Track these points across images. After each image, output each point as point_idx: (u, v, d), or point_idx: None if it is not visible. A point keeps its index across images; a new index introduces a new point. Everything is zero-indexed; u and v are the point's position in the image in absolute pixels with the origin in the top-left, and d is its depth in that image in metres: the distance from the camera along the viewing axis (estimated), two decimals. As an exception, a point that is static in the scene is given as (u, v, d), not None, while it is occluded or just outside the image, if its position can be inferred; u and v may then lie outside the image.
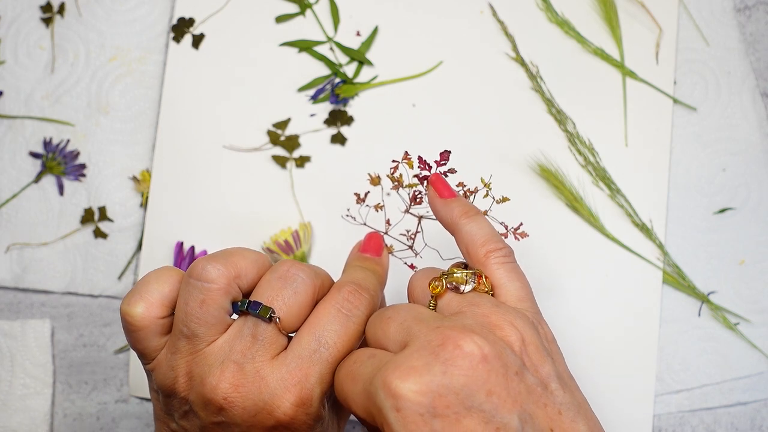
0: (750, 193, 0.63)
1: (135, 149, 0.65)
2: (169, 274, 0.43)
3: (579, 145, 0.63)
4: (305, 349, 0.41)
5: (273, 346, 0.41)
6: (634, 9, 0.64)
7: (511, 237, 0.48)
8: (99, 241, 0.64)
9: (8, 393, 0.63)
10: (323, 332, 0.42)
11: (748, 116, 0.63)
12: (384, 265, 0.48)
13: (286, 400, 0.40)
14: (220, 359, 0.41)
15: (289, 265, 0.43)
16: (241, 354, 0.41)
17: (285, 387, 0.40)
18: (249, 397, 0.40)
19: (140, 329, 0.43)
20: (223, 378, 0.41)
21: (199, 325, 0.42)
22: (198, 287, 0.41)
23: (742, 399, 0.61)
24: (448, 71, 0.64)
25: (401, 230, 0.50)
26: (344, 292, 0.43)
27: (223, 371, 0.41)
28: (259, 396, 0.40)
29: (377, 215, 0.51)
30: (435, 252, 0.52)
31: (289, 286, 0.42)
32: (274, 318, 0.41)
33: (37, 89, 0.66)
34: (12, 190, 0.65)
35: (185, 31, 0.65)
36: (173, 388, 0.42)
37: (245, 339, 0.41)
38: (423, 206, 0.48)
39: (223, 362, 0.41)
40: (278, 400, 0.40)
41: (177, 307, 0.42)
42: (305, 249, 0.62)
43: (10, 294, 0.65)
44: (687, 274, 0.62)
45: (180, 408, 0.43)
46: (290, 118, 0.64)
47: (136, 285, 0.43)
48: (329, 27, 0.65)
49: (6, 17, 0.66)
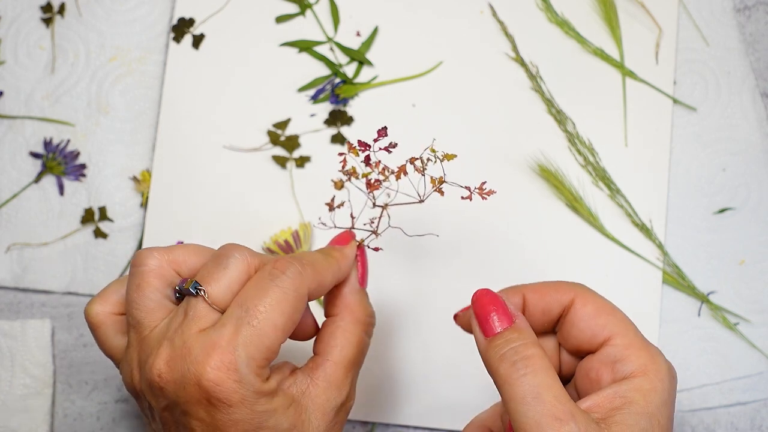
0: (750, 193, 0.63)
1: (135, 149, 0.65)
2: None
3: (579, 145, 0.63)
4: (229, 317, 0.41)
5: (202, 320, 0.42)
6: (634, 9, 0.64)
7: (476, 197, 0.47)
8: (99, 241, 0.64)
9: (8, 393, 0.63)
10: (244, 297, 0.42)
11: (748, 116, 0.63)
12: (345, 252, 0.47)
13: (207, 365, 0.40)
14: (158, 340, 0.42)
15: (226, 246, 0.44)
16: (174, 331, 0.41)
17: (206, 352, 0.40)
18: (177, 369, 0.40)
19: (97, 327, 0.45)
20: (158, 356, 0.41)
21: (138, 310, 0.43)
22: (133, 273, 0.43)
23: (742, 399, 0.61)
24: (448, 71, 0.64)
25: (367, 221, 0.50)
26: (271, 262, 0.43)
27: (159, 349, 0.41)
28: (185, 366, 0.40)
29: (347, 213, 0.51)
30: (399, 230, 0.51)
31: (220, 263, 0.43)
32: (200, 290, 0.42)
33: (37, 89, 0.66)
34: (12, 190, 0.65)
35: (185, 31, 0.65)
36: (132, 384, 0.43)
37: (179, 317, 0.42)
38: (383, 190, 0.48)
39: (159, 342, 0.42)
40: (200, 366, 0.40)
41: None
42: (305, 249, 0.62)
43: (10, 294, 0.65)
44: (687, 274, 0.62)
45: (144, 406, 0.43)
46: (290, 118, 0.64)
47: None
48: (329, 27, 0.65)
49: (6, 17, 0.66)
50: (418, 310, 0.62)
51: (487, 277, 0.62)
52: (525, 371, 0.40)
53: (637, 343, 0.43)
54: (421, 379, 0.62)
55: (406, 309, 0.62)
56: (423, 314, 0.62)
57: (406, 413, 0.62)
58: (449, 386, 0.62)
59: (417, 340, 0.62)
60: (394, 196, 0.48)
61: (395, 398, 0.62)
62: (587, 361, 0.44)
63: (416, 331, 0.62)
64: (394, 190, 0.49)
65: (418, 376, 0.62)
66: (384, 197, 0.49)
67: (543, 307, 0.46)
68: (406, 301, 0.63)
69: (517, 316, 0.43)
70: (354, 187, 0.50)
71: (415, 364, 0.62)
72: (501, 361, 0.41)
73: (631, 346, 0.43)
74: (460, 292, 0.62)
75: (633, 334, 0.43)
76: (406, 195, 0.48)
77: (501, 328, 0.42)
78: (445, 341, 0.62)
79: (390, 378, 0.62)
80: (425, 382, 0.62)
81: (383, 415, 0.62)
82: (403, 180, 0.48)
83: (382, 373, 0.62)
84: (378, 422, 0.62)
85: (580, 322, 0.44)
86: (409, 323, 0.62)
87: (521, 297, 0.46)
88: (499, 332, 0.42)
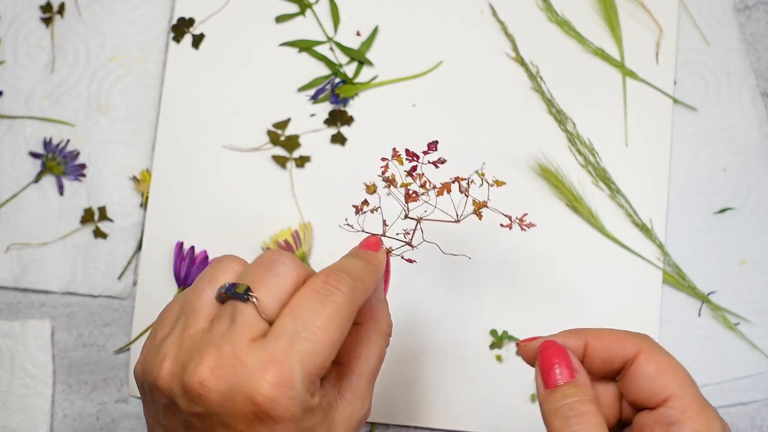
0: (750, 193, 0.63)
1: (135, 149, 0.65)
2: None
3: (579, 145, 0.63)
4: (283, 330, 0.40)
5: (252, 329, 0.40)
6: (634, 9, 0.64)
7: (516, 227, 0.47)
8: (99, 241, 0.64)
9: (8, 393, 0.63)
10: (300, 312, 0.41)
11: (748, 116, 0.63)
12: (379, 258, 0.47)
13: (263, 380, 0.38)
14: (200, 345, 0.40)
15: (273, 252, 0.43)
16: (220, 337, 0.40)
17: (262, 366, 0.39)
18: (225, 379, 0.39)
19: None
20: (201, 362, 0.39)
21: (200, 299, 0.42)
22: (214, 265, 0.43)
23: (742, 399, 0.61)
24: (448, 71, 0.64)
25: (400, 230, 0.49)
26: (322, 275, 0.42)
27: (202, 355, 0.40)
28: (236, 378, 0.39)
29: (375, 219, 0.50)
30: (435, 246, 0.51)
31: (270, 269, 0.42)
32: (251, 297, 0.41)
33: (37, 89, 0.66)
34: (12, 190, 0.65)
35: (185, 31, 0.65)
36: (157, 375, 0.41)
37: (224, 321, 0.41)
38: (420, 204, 0.47)
39: (202, 347, 0.40)
40: (255, 381, 0.38)
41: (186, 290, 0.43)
42: (305, 249, 0.62)
43: (10, 294, 0.65)
44: (687, 274, 0.62)
45: (161, 401, 0.41)
46: (290, 118, 0.64)
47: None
48: (329, 27, 0.65)
49: (6, 17, 0.66)
50: (418, 310, 0.62)
51: (485, 274, 0.62)
52: (577, 428, 0.41)
53: (694, 406, 0.43)
54: (421, 380, 0.62)
55: (406, 309, 0.62)
56: (423, 314, 0.62)
57: (406, 413, 0.62)
58: (449, 387, 0.62)
59: (417, 340, 0.62)
60: (431, 211, 0.47)
61: (395, 398, 0.62)
62: (644, 416, 0.45)
63: (416, 331, 0.62)
64: (432, 204, 0.47)
65: (418, 376, 0.62)
66: (418, 209, 0.48)
67: (605, 356, 0.46)
68: (406, 301, 0.62)
69: (578, 372, 0.44)
70: (383, 194, 0.49)
71: (415, 365, 0.62)
72: (556, 414, 0.42)
73: (689, 410, 0.43)
74: (457, 289, 0.62)
75: (691, 396, 0.44)
76: (442, 211, 0.47)
77: (562, 382, 0.43)
78: (444, 342, 0.62)
79: (390, 378, 0.62)
80: (425, 383, 0.62)
81: (383, 415, 0.62)
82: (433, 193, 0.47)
83: (382, 373, 0.62)
84: (378, 422, 0.62)
85: (641, 379, 0.44)
86: (409, 323, 0.62)
87: (584, 342, 0.46)
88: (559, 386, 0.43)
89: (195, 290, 0.43)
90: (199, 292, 0.42)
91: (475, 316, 0.62)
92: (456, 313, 0.62)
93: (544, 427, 0.43)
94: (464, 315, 0.62)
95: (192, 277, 0.62)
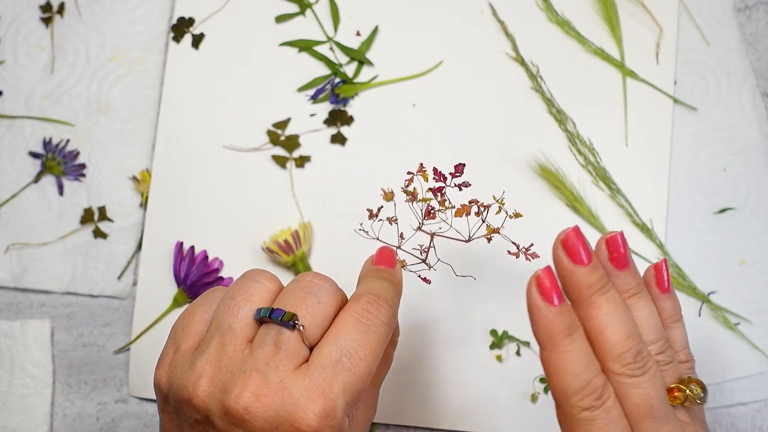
0: (750, 193, 0.63)
1: (135, 149, 0.65)
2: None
3: (579, 145, 0.63)
4: (328, 360, 0.40)
5: (296, 357, 0.41)
6: (634, 9, 0.64)
7: (522, 257, 0.48)
8: (99, 241, 0.64)
9: (8, 393, 0.63)
10: (345, 342, 0.41)
11: (748, 116, 0.63)
12: (399, 276, 0.47)
13: (310, 411, 0.39)
14: (242, 367, 0.40)
15: (313, 275, 0.43)
16: (264, 363, 0.40)
17: (309, 397, 0.39)
18: (271, 407, 0.39)
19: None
20: (246, 387, 0.39)
21: (237, 319, 0.42)
22: (246, 281, 0.43)
23: (742, 399, 0.61)
24: (448, 71, 0.64)
25: (413, 245, 0.50)
26: (363, 302, 0.42)
27: (246, 380, 0.40)
28: (283, 407, 0.39)
29: (388, 228, 0.50)
30: (448, 267, 0.51)
31: (312, 295, 0.42)
32: (298, 325, 0.41)
33: (37, 89, 0.66)
34: (12, 190, 0.65)
35: (185, 31, 0.65)
36: (192, 392, 0.41)
37: (268, 347, 0.41)
38: (435, 222, 0.47)
39: (245, 371, 0.40)
40: (302, 411, 0.39)
41: (218, 306, 0.43)
42: (305, 249, 0.62)
43: (10, 294, 0.65)
44: (687, 274, 0.62)
45: (191, 416, 0.41)
46: (290, 118, 0.64)
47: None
48: (329, 27, 0.65)
49: (6, 17, 0.66)
50: (418, 310, 0.62)
51: (484, 272, 0.62)
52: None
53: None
54: (421, 380, 0.62)
55: (406, 309, 0.62)
56: (423, 314, 0.62)
57: (406, 413, 0.62)
58: (449, 387, 0.62)
59: (417, 340, 0.62)
60: (447, 229, 0.48)
61: (395, 398, 0.62)
62: None
63: (416, 331, 0.62)
64: (448, 223, 0.48)
65: (418, 376, 0.62)
66: (431, 225, 0.49)
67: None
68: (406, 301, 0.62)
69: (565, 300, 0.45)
70: (397, 203, 0.49)
71: (415, 365, 0.62)
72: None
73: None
74: (456, 287, 0.62)
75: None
76: (455, 230, 0.48)
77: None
78: (445, 342, 0.62)
79: (391, 378, 0.62)
80: (425, 383, 0.62)
81: (384, 415, 0.62)
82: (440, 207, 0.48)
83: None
84: (378, 422, 0.62)
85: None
86: (409, 324, 0.62)
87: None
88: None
89: (230, 308, 0.42)
90: (234, 311, 0.42)
91: (475, 316, 0.62)
92: (456, 313, 0.62)
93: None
94: (464, 315, 0.62)
95: (192, 277, 0.62)
